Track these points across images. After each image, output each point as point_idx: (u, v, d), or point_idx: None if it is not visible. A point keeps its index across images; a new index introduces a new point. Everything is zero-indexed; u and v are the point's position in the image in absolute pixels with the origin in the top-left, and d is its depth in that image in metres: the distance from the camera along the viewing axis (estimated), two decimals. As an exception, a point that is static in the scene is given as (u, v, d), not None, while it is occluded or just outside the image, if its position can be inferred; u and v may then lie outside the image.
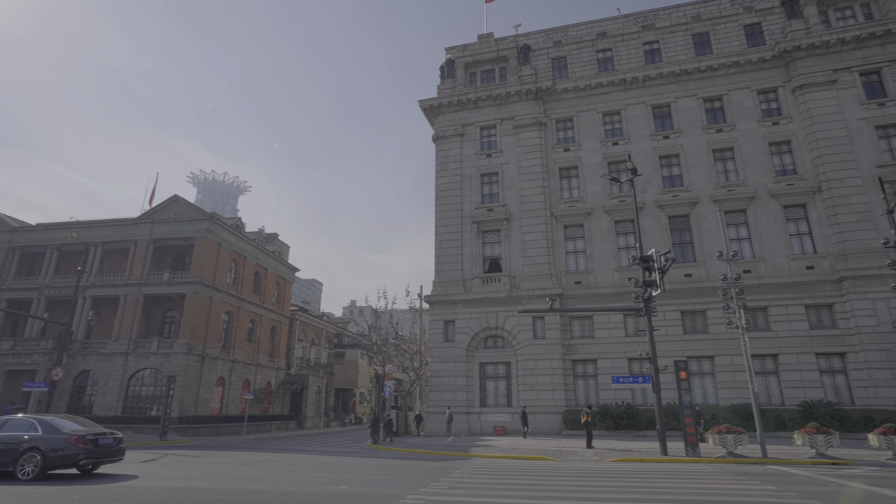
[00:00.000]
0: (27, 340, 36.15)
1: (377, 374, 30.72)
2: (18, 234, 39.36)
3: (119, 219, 38.76)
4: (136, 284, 35.96)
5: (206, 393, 35.38)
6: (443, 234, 32.53)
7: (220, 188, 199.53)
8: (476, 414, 28.65)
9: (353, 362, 58.18)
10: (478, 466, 15.89)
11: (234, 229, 40.50)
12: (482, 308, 30.14)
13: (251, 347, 41.75)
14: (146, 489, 10.90)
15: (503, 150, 33.33)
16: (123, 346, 34.57)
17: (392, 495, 10.26)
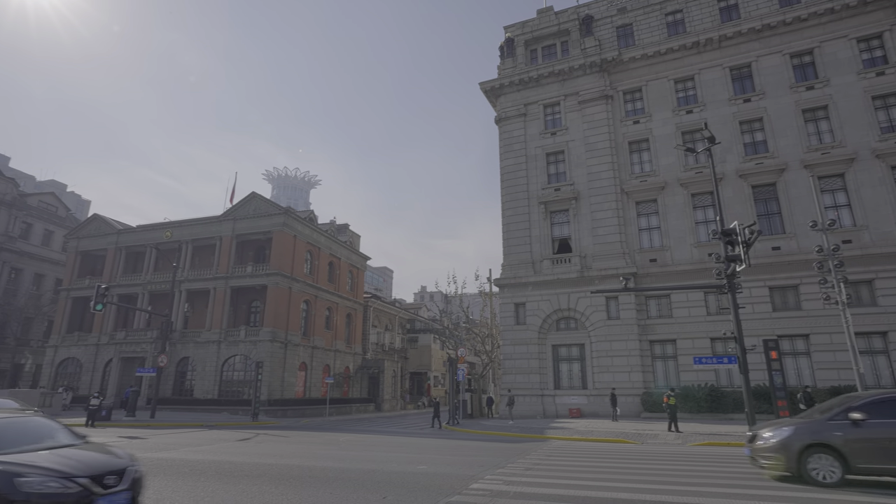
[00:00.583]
0: (136, 331, 40.06)
1: (450, 358, 31.24)
2: (123, 235, 43.42)
3: (205, 217, 41.71)
4: (224, 278, 38.65)
5: (290, 377, 37.61)
6: (510, 216, 32.25)
7: (292, 183, 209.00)
8: (550, 396, 28.44)
9: (426, 347, 59.46)
10: (554, 448, 15.83)
11: (308, 222, 42.37)
12: (553, 290, 29.69)
13: (329, 334, 43.75)
14: (246, 465, 11.83)
15: (568, 127, 32.35)
16: (216, 334, 37.40)
17: (470, 475, 10.47)
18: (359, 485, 9.46)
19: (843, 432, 9.05)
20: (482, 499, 8.20)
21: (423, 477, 10.34)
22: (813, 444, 9.20)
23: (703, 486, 9.13)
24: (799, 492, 8.62)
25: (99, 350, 40.17)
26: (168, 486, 9.14)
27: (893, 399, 9.26)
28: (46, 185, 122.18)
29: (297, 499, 8.22)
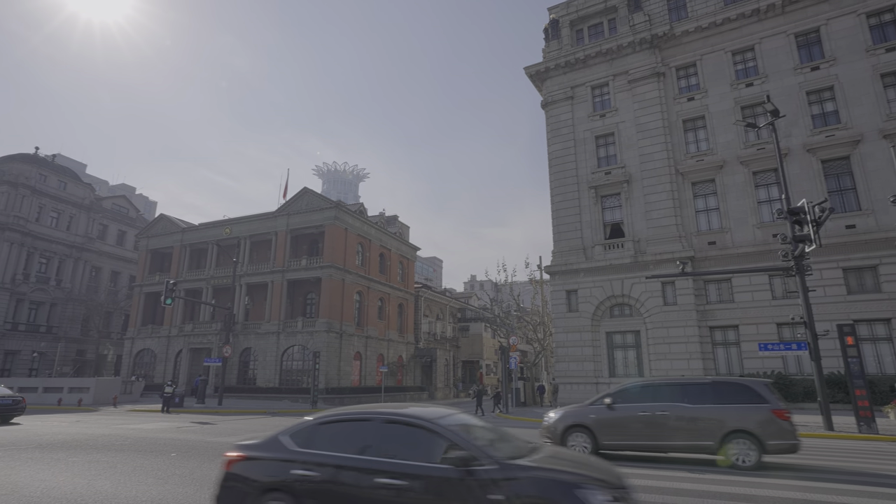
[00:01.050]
0: (202, 323, 42.39)
1: (501, 347, 31.24)
2: (187, 233, 45.87)
3: (261, 213, 43.37)
4: (280, 271, 40.16)
5: (346, 366, 38.76)
6: (559, 202, 31.67)
7: (341, 177, 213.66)
8: (605, 384, 27.90)
9: (478, 335, 59.66)
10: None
11: (358, 214, 43.25)
12: (605, 276, 29.01)
13: (382, 324, 44.68)
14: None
15: (618, 108, 31.29)
16: (275, 326, 39.01)
17: (526, 463, 10.48)
18: None
19: (596, 415, 11.24)
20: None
21: (479, 464, 10.43)
22: (573, 425, 11.34)
23: (767, 478, 8.74)
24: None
25: (170, 341, 42.80)
26: (238, 470, 9.66)
27: (631, 387, 11.62)
28: (118, 188, 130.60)
29: None
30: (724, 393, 10.62)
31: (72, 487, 8.11)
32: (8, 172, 47.66)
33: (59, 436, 15.22)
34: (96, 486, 8.23)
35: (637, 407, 11.02)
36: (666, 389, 11.19)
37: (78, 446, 12.88)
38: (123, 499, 7.36)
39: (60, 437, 15.00)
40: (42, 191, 49.55)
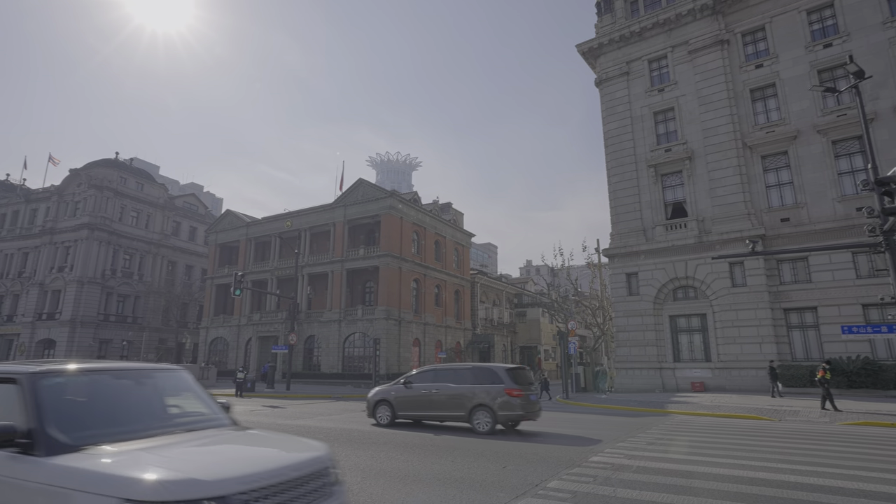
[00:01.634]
0: (268, 312, 44.53)
1: (559, 332, 30.83)
2: (252, 227, 48.14)
3: (319, 206, 44.77)
4: (339, 261, 41.41)
5: (405, 353, 39.60)
6: (616, 182, 30.67)
7: (395, 167, 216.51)
8: (669, 369, 27.02)
9: (535, 321, 59.17)
10: (677, 423, 15.10)
11: (412, 203, 43.74)
12: (667, 257, 27.91)
13: (439, 311, 45.21)
14: (372, 433, 12.77)
15: (677, 81, 29.75)
16: (336, 314, 40.37)
17: (589, 448, 10.37)
18: (478, 454, 9.79)
19: (395, 392, 14.35)
20: (604, 471, 8.10)
21: (541, 448, 10.43)
22: (380, 400, 14.53)
23: (857, 470, 8.20)
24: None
25: (240, 330, 45.29)
26: (308, 450, 10.16)
27: (422, 371, 14.69)
28: (188, 187, 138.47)
29: (420, 465, 8.71)
30: (478, 376, 13.59)
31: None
32: (94, 177, 51.71)
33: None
34: (182, 462, 8.90)
35: (422, 386, 14.02)
36: (444, 373, 14.28)
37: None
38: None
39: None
40: (123, 192, 53.43)
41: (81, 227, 49.91)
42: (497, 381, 13.23)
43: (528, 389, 13.41)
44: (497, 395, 12.91)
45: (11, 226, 55.65)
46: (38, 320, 49.34)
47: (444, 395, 13.58)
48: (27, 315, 49.96)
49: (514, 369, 13.64)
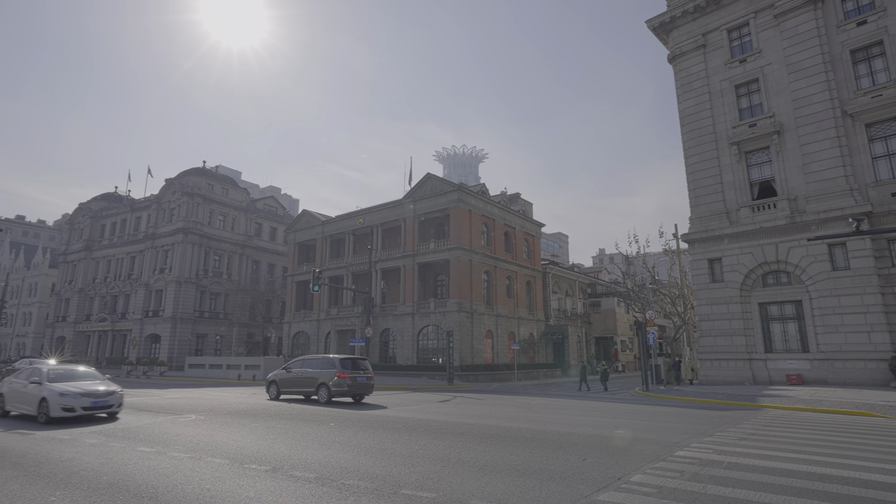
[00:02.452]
0: (345, 307, 46.35)
1: (637, 322, 29.70)
2: (327, 225, 50.23)
3: (389, 202, 45.85)
4: (411, 255, 42.24)
5: (478, 345, 39.79)
6: (694, 163, 28.94)
7: (461, 160, 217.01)
8: (760, 361, 25.24)
9: (610, 310, 57.35)
10: (772, 418, 14.11)
11: (481, 195, 43.70)
12: (755, 240, 26.01)
13: (511, 302, 44.97)
14: (449, 423, 12.99)
15: (762, 49, 27.49)
16: (409, 307, 41.28)
17: (674, 442, 9.94)
18: (556, 445, 9.68)
19: (281, 376, 20.30)
20: (691, 467, 7.74)
21: (622, 441, 10.14)
22: (272, 381, 20.44)
23: None
24: None
25: (319, 324, 47.51)
26: (388, 439, 10.53)
27: (298, 360, 21.10)
28: (267, 190, 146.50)
29: (498, 456, 8.76)
30: (324, 363, 19.73)
31: (257, 447, 9.51)
32: (186, 185, 56.15)
33: (242, 405, 17.85)
34: (274, 447, 9.54)
35: (296, 371, 20.15)
36: (308, 361, 20.53)
37: (257, 414, 14.98)
38: (297, 459, 8.45)
39: (244, 406, 17.59)
40: (211, 198, 57.60)
41: (177, 232, 54.41)
42: (334, 367, 19.14)
43: (355, 373, 19.14)
44: (332, 376, 18.90)
45: (121, 233, 61.71)
46: (145, 317, 54.48)
47: (305, 377, 19.72)
48: (136, 313, 55.31)
49: (346, 359, 19.63)
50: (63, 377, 13.80)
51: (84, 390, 13.17)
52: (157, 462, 8.30)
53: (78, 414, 12.76)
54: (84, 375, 14.50)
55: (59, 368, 14.47)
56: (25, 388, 13.57)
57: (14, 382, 14.27)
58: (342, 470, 7.75)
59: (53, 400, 12.65)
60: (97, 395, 13.26)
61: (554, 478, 7.19)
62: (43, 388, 13.10)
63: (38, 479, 7.26)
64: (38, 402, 12.91)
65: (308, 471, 7.70)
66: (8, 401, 14.19)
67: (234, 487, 6.76)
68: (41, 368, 14.03)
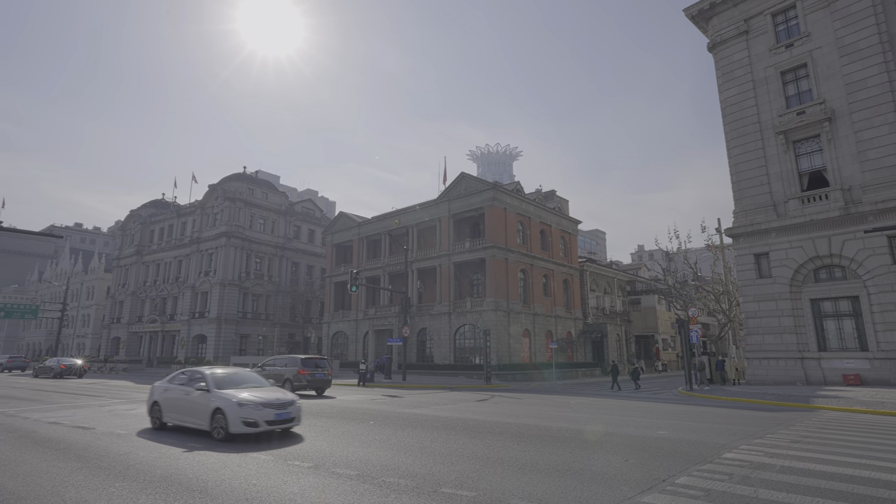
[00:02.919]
0: (382, 307, 46.89)
1: (679, 319, 28.85)
2: (363, 227, 50.93)
3: (424, 202, 46.07)
4: (446, 255, 42.33)
5: (515, 344, 39.51)
6: (737, 154, 27.86)
7: (495, 159, 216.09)
8: (814, 360, 24.06)
9: (651, 308, 55.92)
10: (827, 420, 13.44)
11: (515, 193, 43.37)
12: (805, 234, 24.81)
13: (548, 301, 44.45)
14: (487, 423, 12.95)
15: (810, 32, 26.19)
16: (445, 307, 41.37)
17: (721, 444, 9.60)
18: (597, 446, 9.50)
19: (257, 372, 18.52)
20: (741, 469, 7.45)
21: (665, 442, 9.86)
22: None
23: None
24: None
25: (358, 324, 48.22)
26: (427, 437, 10.58)
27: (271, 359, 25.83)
28: (304, 193, 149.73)
29: (537, 455, 8.67)
30: (289, 362, 24.01)
31: (299, 444, 9.73)
32: (228, 190, 58.04)
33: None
34: (316, 445, 9.74)
35: (268, 369, 24.12)
36: (279, 360, 24.97)
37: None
38: (338, 457, 8.59)
39: (285, 405, 18.05)
40: (251, 202, 59.33)
41: (220, 236, 56.30)
42: (297, 365, 23.40)
43: (314, 371, 23.28)
44: (294, 373, 23.06)
45: (168, 238, 64.35)
46: (192, 318, 56.62)
47: (274, 374, 23.49)
48: (184, 314, 57.56)
49: (307, 358, 23.87)
50: (229, 382, 11.36)
51: (263, 399, 10.52)
52: (207, 458, 8.60)
53: (262, 430, 10.15)
54: (249, 380, 11.97)
55: (222, 371, 12.04)
56: (189, 396, 11.25)
57: (171, 389, 12.06)
58: (382, 468, 7.84)
59: (232, 412, 10.07)
60: (280, 406, 10.55)
61: (595, 478, 7.06)
62: (213, 395, 10.69)
63: (99, 470, 7.65)
64: (209, 413, 10.47)
65: (349, 468, 7.82)
66: (166, 411, 11.80)
67: (279, 483, 6.94)
68: (204, 371, 11.75)
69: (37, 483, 7.01)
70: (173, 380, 12.41)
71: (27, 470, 7.78)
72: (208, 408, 10.55)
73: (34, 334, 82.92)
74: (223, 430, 10.15)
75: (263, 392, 11.05)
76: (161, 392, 12.23)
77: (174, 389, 11.92)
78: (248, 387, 11.34)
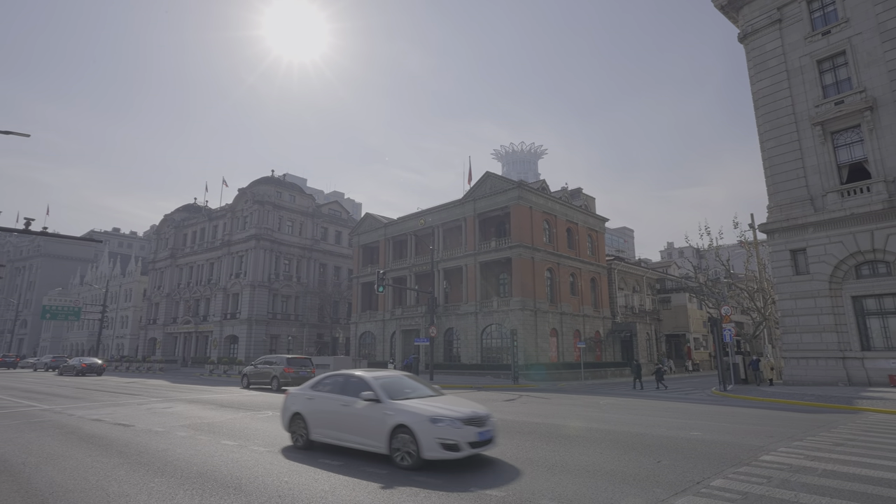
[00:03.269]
0: (409, 307, 47.11)
1: (711, 318, 28.16)
2: (389, 227, 51.29)
3: (449, 202, 46.11)
4: (472, 255, 42.28)
5: (542, 343, 39.18)
6: (771, 148, 27.00)
7: (520, 157, 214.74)
8: (856, 360, 23.13)
9: (681, 306, 54.69)
10: (872, 423, 12.92)
11: (541, 191, 43.02)
12: (845, 228, 23.88)
13: (575, 300, 43.95)
14: (516, 422, 12.89)
15: (849, 18, 25.18)
16: (472, 307, 41.33)
17: (757, 446, 9.33)
18: (628, 447, 9.35)
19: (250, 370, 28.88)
20: (780, 472, 7.22)
21: (699, 444, 9.63)
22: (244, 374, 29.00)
23: None
24: None
25: (385, 324, 48.58)
26: (456, 437, 10.56)
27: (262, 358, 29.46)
28: (331, 195, 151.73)
29: (567, 456, 8.58)
30: (275, 362, 27.52)
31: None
32: (257, 194, 59.26)
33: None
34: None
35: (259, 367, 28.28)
36: (269, 359, 28.18)
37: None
38: (367, 455, 8.68)
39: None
40: (280, 205, 60.43)
41: (250, 239, 57.50)
42: (283, 364, 26.84)
43: (299, 369, 26.74)
44: (280, 371, 26.52)
45: (200, 241, 66.08)
46: (224, 319, 58.01)
47: (264, 372, 27.53)
48: (216, 315, 59.01)
49: (292, 358, 27.47)
50: (398, 390, 9.00)
51: (460, 413, 8.09)
52: (240, 455, 8.80)
53: (464, 454, 7.71)
54: (412, 386, 9.51)
55: (382, 375, 9.55)
56: (351, 408, 8.80)
57: (318, 398, 9.57)
58: (412, 467, 7.87)
59: (424, 431, 7.70)
60: (479, 421, 8.15)
61: (627, 479, 6.95)
62: (389, 407, 8.32)
63: (139, 466, 7.92)
64: (386, 431, 8.07)
65: (379, 467, 7.89)
66: (314, 425, 9.32)
67: (310, 481, 7.05)
68: (363, 376, 9.29)
69: (82, 477, 7.30)
70: (318, 386, 9.97)
71: (73, 464, 8.11)
72: (384, 424, 8.15)
73: (77, 335, 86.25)
74: (411, 456, 7.75)
75: (447, 403, 8.68)
76: (304, 402, 9.78)
77: (324, 399, 9.46)
78: (419, 395, 9.03)
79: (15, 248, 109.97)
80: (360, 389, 8.95)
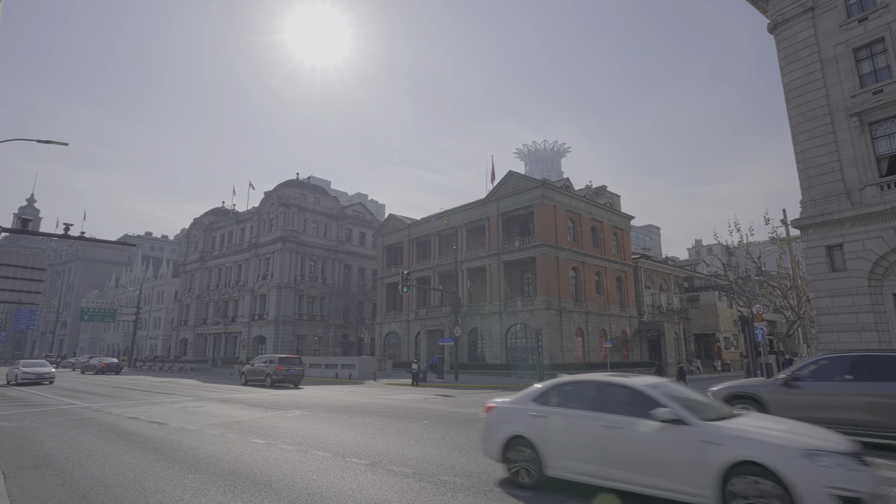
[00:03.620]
0: (433, 307, 47.26)
1: (742, 317, 27.48)
2: (413, 228, 51.55)
3: (472, 202, 46.08)
4: (496, 254, 42.17)
5: (568, 343, 38.83)
6: (804, 140, 26.16)
7: (543, 156, 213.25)
8: (897, 358, 22.23)
9: (710, 305, 53.49)
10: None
11: (565, 190, 42.64)
12: (885, 223, 22.96)
13: (601, 299, 43.42)
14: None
15: (888, 3, 24.16)
16: (496, 306, 41.21)
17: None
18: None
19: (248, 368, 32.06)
20: (815, 475, 7.00)
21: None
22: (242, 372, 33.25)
23: None
24: None
25: (409, 325, 48.84)
26: (481, 437, 10.57)
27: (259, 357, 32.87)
28: (355, 197, 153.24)
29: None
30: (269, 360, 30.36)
31: (356, 442, 9.99)
32: (282, 196, 60.28)
33: (341, 402, 18.82)
34: (372, 443, 9.95)
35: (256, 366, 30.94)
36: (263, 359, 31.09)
37: (355, 411, 15.72)
38: (394, 455, 8.75)
39: (342, 403, 18.53)
40: (304, 207, 61.34)
41: (276, 241, 58.52)
42: (275, 363, 28.90)
43: (289, 367, 28.70)
44: (273, 369, 28.69)
45: (228, 243, 67.55)
46: (252, 320, 59.18)
47: (259, 370, 29.75)
48: (244, 316, 60.24)
49: (283, 357, 29.47)
50: (695, 405, 6.26)
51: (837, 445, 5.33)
52: (269, 453, 8.98)
53: None
54: (685, 394, 6.71)
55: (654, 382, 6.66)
56: (623, 432, 6.11)
57: (555, 415, 6.88)
58: (437, 466, 7.92)
59: (802, 476, 4.93)
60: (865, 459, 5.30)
61: (657, 481, 6.83)
62: (706, 432, 5.57)
63: (174, 462, 8.15)
64: (715, 472, 5.32)
65: (405, 466, 7.95)
66: (554, 455, 6.64)
67: (338, 479, 7.15)
68: (633, 385, 6.50)
69: (120, 472, 7.56)
70: (546, 398, 7.19)
71: (112, 460, 8.40)
72: (707, 460, 5.42)
73: (113, 336, 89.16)
74: None
75: (784, 425, 5.99)
76: (529, 420, 7.05)
77: (566, 417, 6.75)
78: (726, 415, 6.23)
79: (55, 252, 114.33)
80: (635, 404, 6.20)
